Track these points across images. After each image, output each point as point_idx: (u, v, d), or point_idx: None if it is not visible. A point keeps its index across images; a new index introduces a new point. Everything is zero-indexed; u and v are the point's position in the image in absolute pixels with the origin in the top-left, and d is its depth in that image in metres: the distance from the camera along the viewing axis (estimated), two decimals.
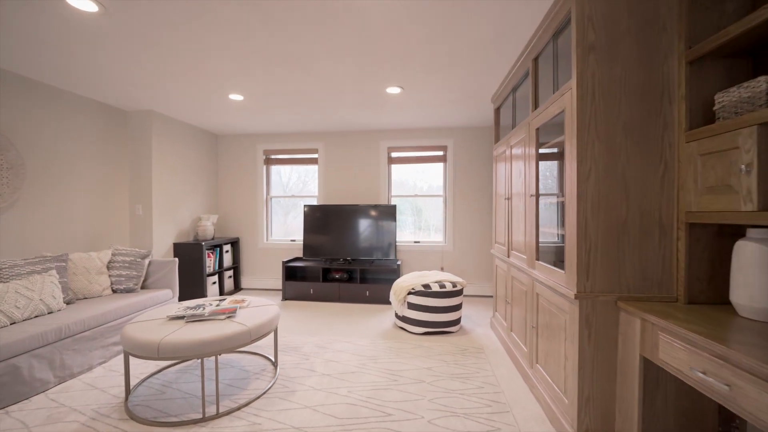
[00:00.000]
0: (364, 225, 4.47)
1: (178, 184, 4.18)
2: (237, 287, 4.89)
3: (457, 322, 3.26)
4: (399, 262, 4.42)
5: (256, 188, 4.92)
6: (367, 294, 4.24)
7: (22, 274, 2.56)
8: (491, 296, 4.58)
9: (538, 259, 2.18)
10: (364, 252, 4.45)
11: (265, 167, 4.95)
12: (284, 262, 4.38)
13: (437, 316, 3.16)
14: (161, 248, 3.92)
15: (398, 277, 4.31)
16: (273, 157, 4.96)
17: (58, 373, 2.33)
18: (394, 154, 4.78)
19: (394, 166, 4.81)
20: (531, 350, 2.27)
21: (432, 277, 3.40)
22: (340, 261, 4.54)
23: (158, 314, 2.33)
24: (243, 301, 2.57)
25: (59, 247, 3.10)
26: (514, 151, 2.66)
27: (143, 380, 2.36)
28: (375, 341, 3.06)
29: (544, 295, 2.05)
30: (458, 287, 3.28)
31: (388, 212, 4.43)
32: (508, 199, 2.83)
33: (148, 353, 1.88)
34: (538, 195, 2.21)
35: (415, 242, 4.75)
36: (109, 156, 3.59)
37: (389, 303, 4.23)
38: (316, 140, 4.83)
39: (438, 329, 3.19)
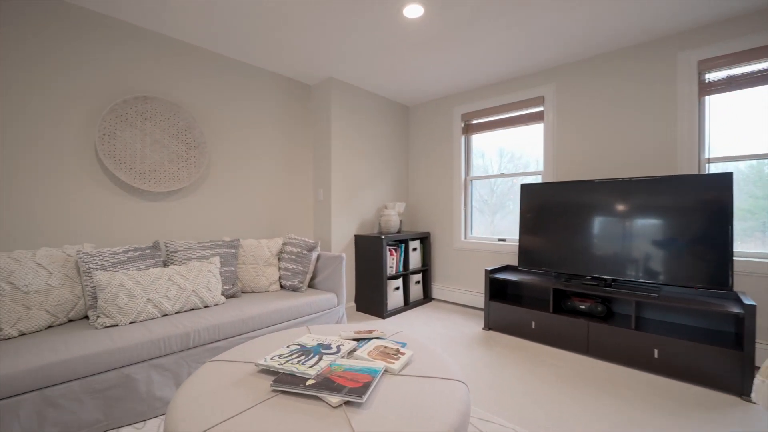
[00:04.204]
0: (644, 216, 2.32)
1: (361, 166, 3.48)
2: (426, 296, 3.78)
3: None
4: (746, 298, 1.98)
5: (452, 167, 3.66)
6: (655, 354, 2.10)
7: (191, 259, 2.29)
8: None
9: None
10: (647, 268, 2.30)
11: (463, 138, 3.62)
12: (488, 272, 2.87)
13: None
14: (341, 240, 3.29)
15: (743, 326, 1.90)
16: (474, 122, 3.55)
17: None
18: (711, 76, 2.33)
19: (714, 97, 2.36)
20: None
21: None
22: (589, 280, 2.57)
23: (272, 344, 1.37)
24: (397, 352, 1.27)
25: (238, 232, 2.86)
26: None
27: None
28: None
29: None
30: None
31: (711, 189, 2.10)
32: None
33: None
34: None
35: None
36: (291, 133, 3.23)
37: (715, 385, 1.92)
38: (540, 83, 3.06)
39: None
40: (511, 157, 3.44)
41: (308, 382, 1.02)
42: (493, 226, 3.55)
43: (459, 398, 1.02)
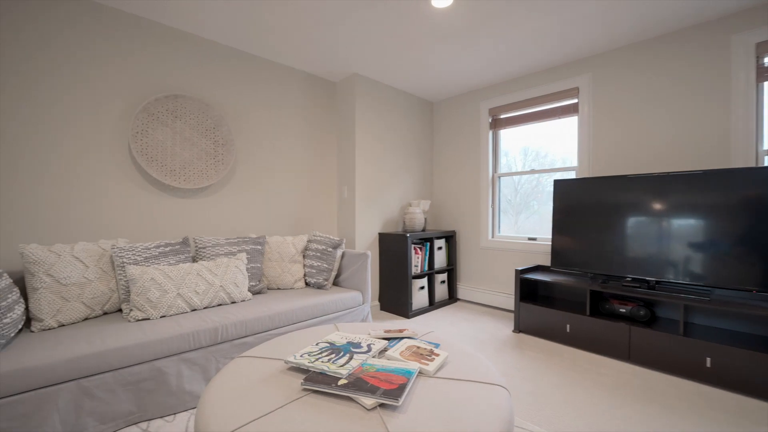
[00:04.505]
0: (693, 213, 2.15)
1: (385, 163, 3.43)
2: (452, 297, 3.69)
3: None
4: None
5: (479, 163, 3.55)
6: (708, 363, 1.93)
7: (218, 255, 2.31)
8: None
9: None
10: (695, 270, 2.12)
11: (491, 133, 3.50)
12: (518, 272, 2.75)
13: None
14: (365, 238, 3.25)
15: None
16: (502, 116, 3.43)
17: None
18: None
19: None
20: None
21: None
22: (629, 282, 2.41)
23: (300, 341, 1.34)
24: (431, 353, 1.20)
25: (263, 229, 2.87)
26: None
27: None
28: None
29: None
30: None
31: None
32: None
33: None
34: None
35: None
36: (315, 131, 3.22)
37: None
38: (574, 73, 2.90)
39: None
40: (536, 155, 3.32)
41: (340, 382, 0.97)
42: (517, 226, 3.43)
43: (501, 405, 0.94)
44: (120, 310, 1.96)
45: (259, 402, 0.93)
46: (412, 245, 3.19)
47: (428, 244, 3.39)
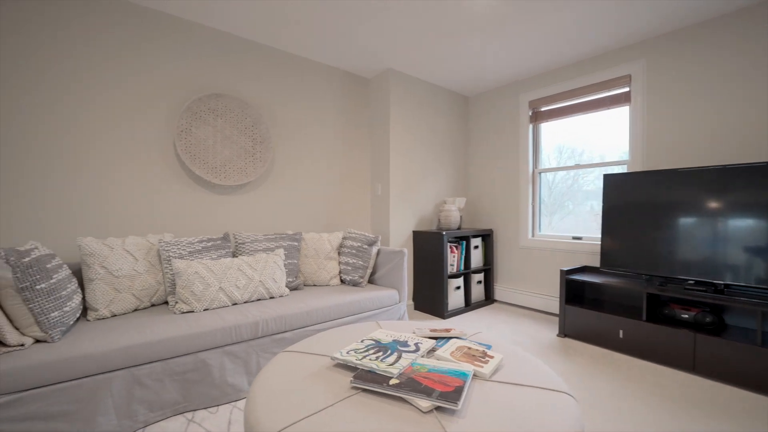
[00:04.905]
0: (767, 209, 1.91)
1: (419, 160, 3.36)
2: (488, 298, 3.55)
3: None
4: None
5: (518, 159, 3.39)
6: None
7: (257, 251, 2.33)
8: None
9: None
10: None
11: (531, 126, 3.33)
12: (564, 273, 2.59)
13: None
14: (399, 236, 3.19)
15: None
16: (543, 109, 3.25)
17: (254, 380, 1.79)
18: None
19: None
20: None
21: None
22: (692, 285, 2.19)
23: (343, 337, 1.31)
24: (484, 355, 1.12)
25: (298, 226, 2.88)
26: None
27: None
28: None
29: None
30: None
31: None
32: None
33: None
34: None
35: None
36: (349, 128, 3.21)
37: None
38: (625, 59, 2.69)
39: None
40: (572, 153, 3.13)
41: (391, 382, 0.92)
42: (551, 227, 3.26)
43: (571, 415, 0.85)
44: (166, 303, 2.03)
45: (309, 399, 0.90)
46: (448, 244, 3.09)
47: (464, 242, 3.28)
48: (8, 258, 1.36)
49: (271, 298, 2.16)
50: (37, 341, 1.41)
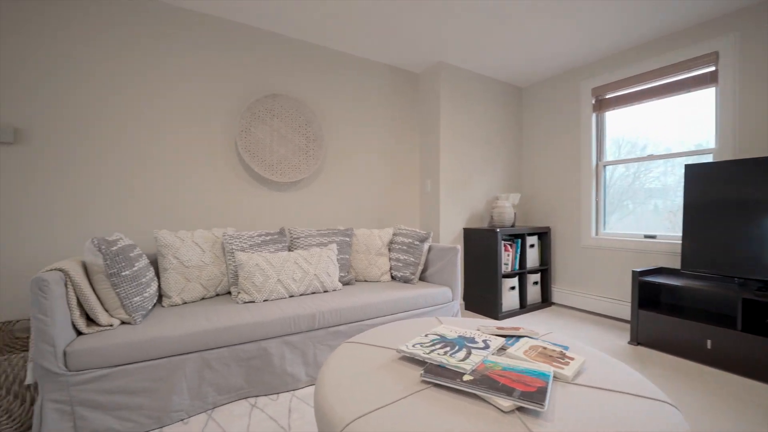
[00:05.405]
0: None
1: (470, 155, 3.24)
2: (545, 300, 3.33)
3: None
4: None
5: (579, 151, 3.15)
6: None
7: (311, 245, 2.38)
8: None
9: None
10: None
11: (594, 116, 3.08)
12: (637, 274, 2.35)
13: None
14: (449, 233, 3.11)
15: None
16: (608, 96, 2.99)
17: (311, 371, 1.83)
18: None
19: None
20: None
21: None
22: None
23: (403, 331, 1.28)
24: (563, 356, 1.03)
25: (348, 222, 2.91)
26: None
27: None
28: None
29: None
30: None
31: None
32: None
33: None
34: None
35: None
36: (398, 124, 3.18)
37: None
38: (711, 35, 2.38)
39: None
40: (632, 148, 2.85)
41: (465, 378, 0.87)
42: (610, 228, 2.98)
43: (677, 426, 0.74)
44: (229, 293, 2.13)
45: (379, 390, 0.87)
46: (502, 241, 2.95)
47: (519, 240, 3.11)
48: (100, 246, 1.50)
49: (325, 291, 2.19)
50: (123, 323, 1.55)
